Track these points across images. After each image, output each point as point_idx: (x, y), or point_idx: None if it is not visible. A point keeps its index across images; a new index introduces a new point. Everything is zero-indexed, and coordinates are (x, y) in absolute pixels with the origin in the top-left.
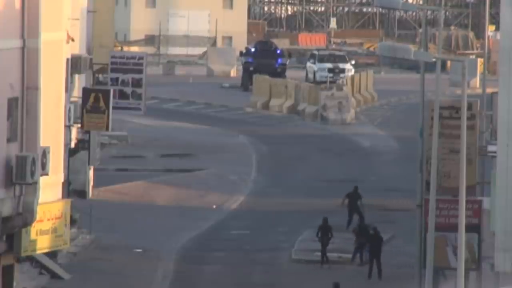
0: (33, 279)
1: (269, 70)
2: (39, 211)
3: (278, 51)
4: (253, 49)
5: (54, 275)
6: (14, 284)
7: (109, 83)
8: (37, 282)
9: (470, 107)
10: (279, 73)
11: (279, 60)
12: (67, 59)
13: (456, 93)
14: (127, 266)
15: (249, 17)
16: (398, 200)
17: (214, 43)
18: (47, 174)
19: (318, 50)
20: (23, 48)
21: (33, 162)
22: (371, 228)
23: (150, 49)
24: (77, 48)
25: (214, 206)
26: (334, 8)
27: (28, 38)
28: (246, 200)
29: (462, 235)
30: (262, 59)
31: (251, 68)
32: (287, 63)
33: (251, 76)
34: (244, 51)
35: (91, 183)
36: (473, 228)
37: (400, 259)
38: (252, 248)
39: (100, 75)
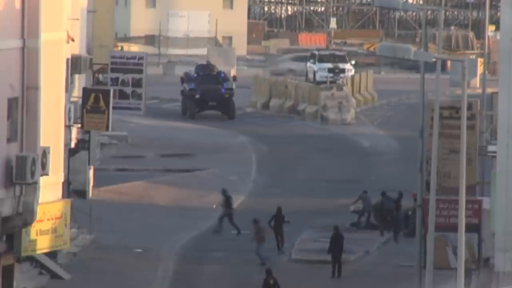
0: (33, 279)
1: (216, 96)
2: (39, 211)
3: (222, 75)
4: (194, 75)
5: (54, 275)
6: (14, 284)
7: (109, 83)
8: (37, 282)
9: (470, 107)
10: (227, 98)
11: (225, 85)
12: (67, 59)
13: (456, 93)
14: (127, 266)
15: (249, 17)
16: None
17: (217, 44)
18: (47, 174)
19: (318, 50)
20: (23, 48)
21: (33, 162)
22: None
23: (150, 49)
24: (77, 48)
25: (214, 206)
26: (334, 8)
27: (28, 38)
28: (246, 200)
29: (462, 235)
30: (207, 85)
31: (197, 96)
32: (234, 87)
33: (197, 104)
34: (183, 76)
35: (91, 183)
36: (473, 228)
37: (400, 259)
38: (252, 248)
39: (100, 75)
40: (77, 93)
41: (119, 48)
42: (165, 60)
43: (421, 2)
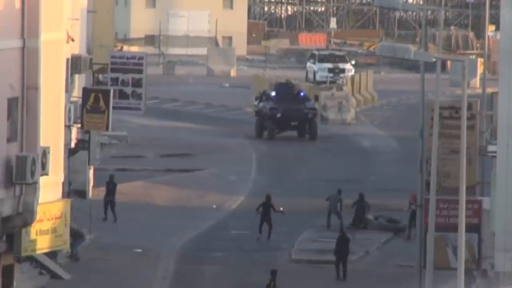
0: (33, 279)
1: (298, 116)
2: (39, 211)
3: (302, 94)
4: (273, 93)
5: (54, 275)
6: (14, 284)
7: (109, 83)
8: (37, 282)
9: (470, 107)
10: (310, 118)
11: (307, 105)
12: (67, 59)
13: (456, 93)
14: (127, 266)
15: (249, 17)
16: (398, 200)
17: (216, 44)
18: (47, 174)
19: (318, 50)
20: (23, 48)
21: (33, 162)
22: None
23: (150, 49)
24: (77, 48)
25: (214, 206)
26: (334, 8)
27: (28, 38)
28: (246, 200)
29: (462, 235)
30: (289, 104)
31: (278, 115)
32: (317, 107)
33: (278, 124)
34: (259, 95)
35: (91, 183)
36: (473, 228)
37: (400, 259)
38: (252, 248)
39: (100, 75)
40: (77, 93)
41: (119, 48)
42: (165, 60)
43: (421, 2)
